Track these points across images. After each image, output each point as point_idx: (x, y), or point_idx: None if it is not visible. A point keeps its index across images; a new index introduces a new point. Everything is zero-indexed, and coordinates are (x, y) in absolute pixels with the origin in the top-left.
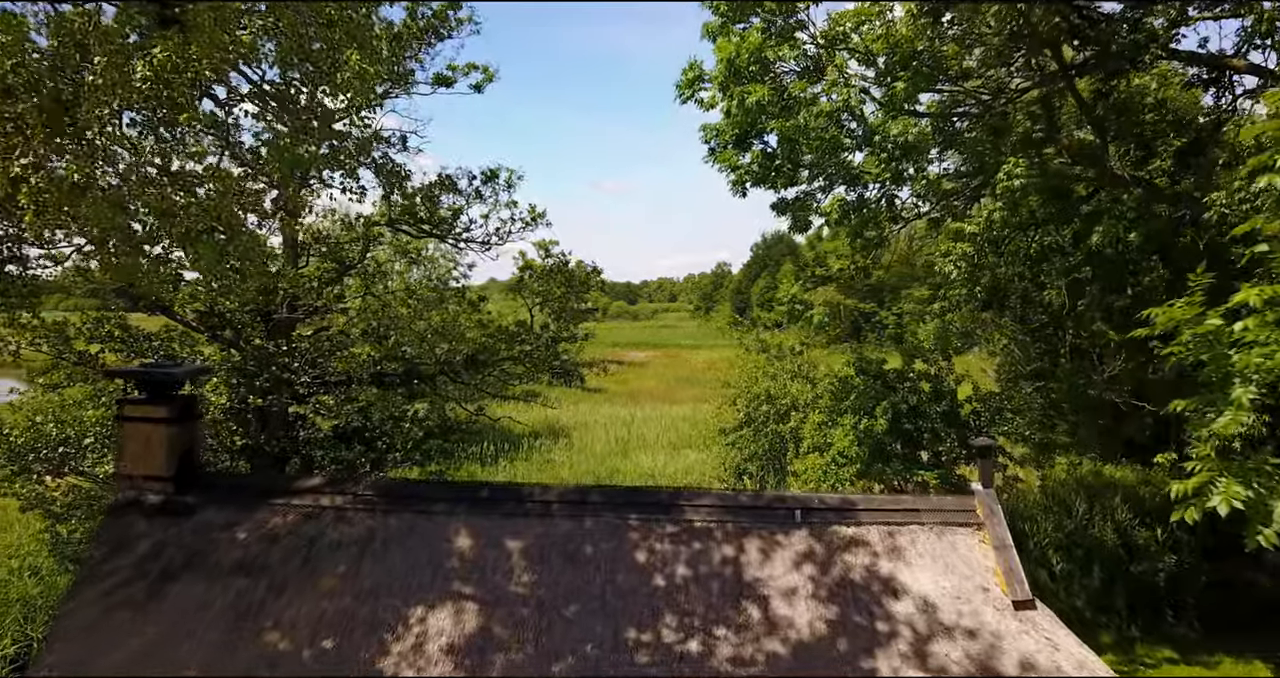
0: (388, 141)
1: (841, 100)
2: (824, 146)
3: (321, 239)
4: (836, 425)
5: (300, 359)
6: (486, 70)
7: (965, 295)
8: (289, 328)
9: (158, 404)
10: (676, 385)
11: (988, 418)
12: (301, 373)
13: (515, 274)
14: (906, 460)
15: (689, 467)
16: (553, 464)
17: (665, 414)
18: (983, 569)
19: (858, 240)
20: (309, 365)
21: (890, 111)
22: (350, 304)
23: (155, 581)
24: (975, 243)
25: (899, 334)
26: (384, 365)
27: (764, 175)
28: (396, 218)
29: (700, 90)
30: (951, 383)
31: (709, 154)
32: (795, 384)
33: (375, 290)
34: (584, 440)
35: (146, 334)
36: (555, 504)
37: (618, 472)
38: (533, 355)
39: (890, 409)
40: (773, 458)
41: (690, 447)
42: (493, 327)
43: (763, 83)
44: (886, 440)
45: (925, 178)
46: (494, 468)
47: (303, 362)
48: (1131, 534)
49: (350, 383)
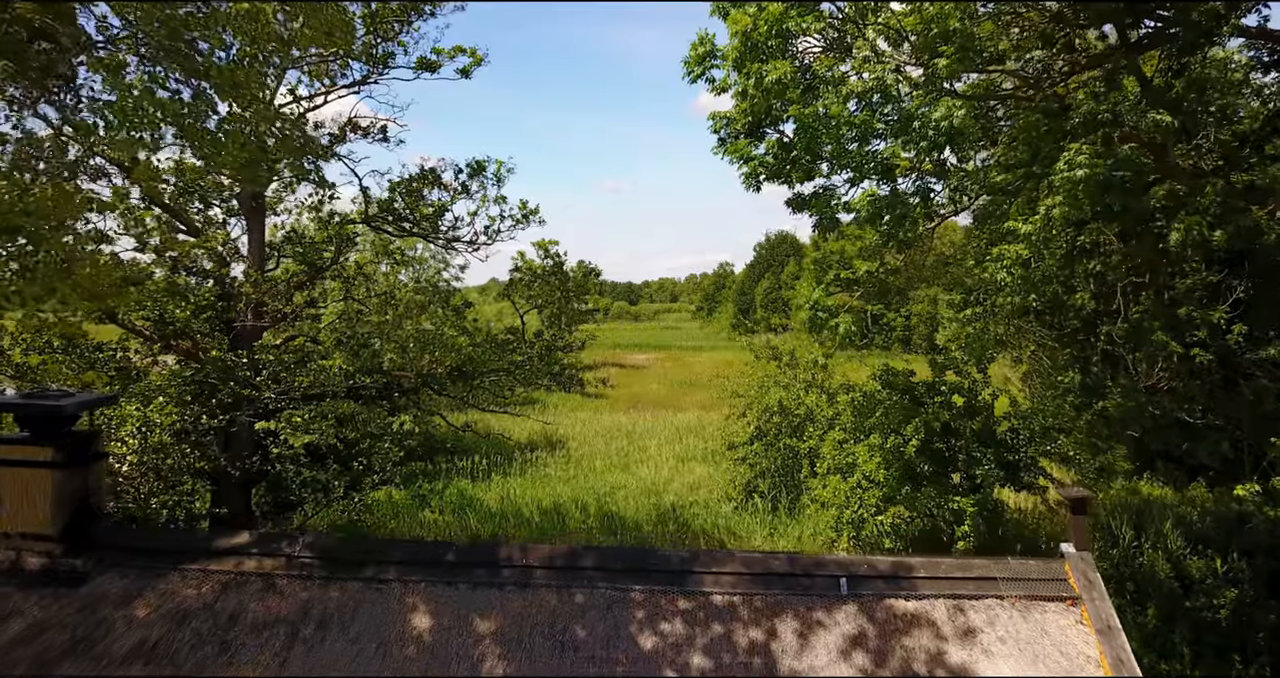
0: (365, 131)
1: (874, 79)
2: (854, 134)
3: (296, 239)
4: (860, 443)
5: (265, 371)
6: (474, 53)
7: (1019, 305)
8: (254, 337)
9: (42, 444)
10: (680, 390)
11: (1026, 437)
12: (265, 388)
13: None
14: (938, 484)
15: (695, 482)
16: (548, 479)
17: (669, 423)
18: (1082, 659)
19: (890, 242)
20: (273, 379)
21: (931, 92)
22: (328, 310)
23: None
24: (1031, 244)
25: (907, 337)
26: (358, 379)
27: (779, 169)
28: (373, 216)
29: (711, 68)
30: (987, 398)
31: (718, 145)
32: (810, 395)
33: (357, 294)
34: (583, 452)
35: (97, 344)
36: (539, 571)
37: (619, 488)
38: (524, 367)
39: (922, 427)
40: (786, 474)
41: (696, 459)
42: (480, 335)
43: (784, 59)
44: (917, 462)
45: (969, 169)
46: (485, 484)
47: (268, 374)
48: (1185, 565)
49: (324, 397)
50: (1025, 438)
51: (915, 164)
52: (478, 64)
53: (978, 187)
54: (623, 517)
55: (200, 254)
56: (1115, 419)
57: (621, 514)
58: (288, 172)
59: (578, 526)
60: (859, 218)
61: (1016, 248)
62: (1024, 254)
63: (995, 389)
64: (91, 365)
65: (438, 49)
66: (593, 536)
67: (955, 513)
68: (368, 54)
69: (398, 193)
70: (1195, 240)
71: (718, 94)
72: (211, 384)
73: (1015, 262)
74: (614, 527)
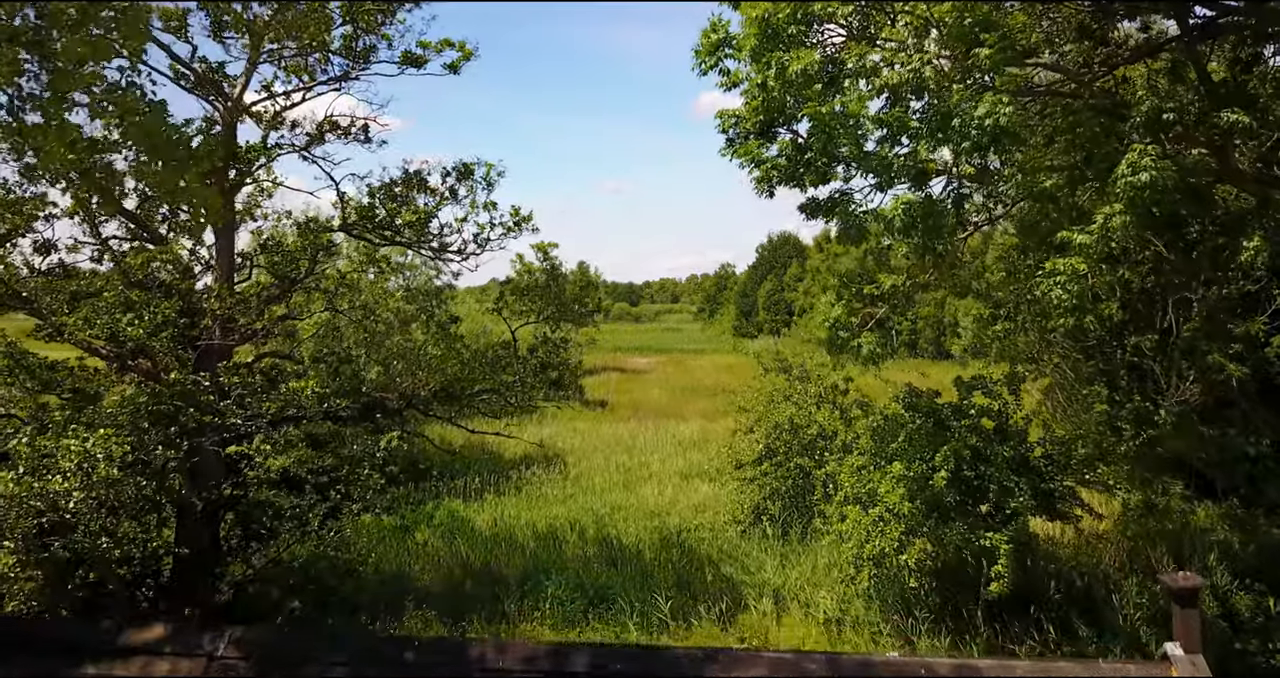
0: (345, 131)
1: (909, 71)
2: (882, 133)
3: (272, 247)
4: (880, 470)
5: (232, 394)
6: (463, 47)
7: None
8: (223, 355)
9: None
10: (682, 397)
11: (1063, 463)
12: (230, 413)
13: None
14: (967, 517)
15: (701, 503)
16: (545, 499)
17: (672, 435)
18: None
19: (926, 255)
20: (239, 403)
21: (973, 87)
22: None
23: None
24: (1089, 257)
25: (914, 340)
26: (334, 402)
27: (792, 172)
28: (352, 223)
29: (725, 58)
30: (1019, 421)
31: (726, 146)
32: (822, 411)
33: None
34: (581, 469)
35: (50, 363)
36: (518, 675)
37: (619, 509)
38: (515, 387)
39: (951, 457)
40: (797, 495)
41: (701, 476)
42: (468, 353)
43: (801, 45)
44: (945, 494)
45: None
46: (478, 504)
47: (235, 397)
48: (1231, 601)
49: (300, 419)
50: (1061, 464)
51: (951, 167)
52: (466, 59)
53: (1020, 191)
54: (623, 543)
55: (158, 266)
56: (1166, 448)
57: (622, 540)
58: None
59: (575, 552)
60: (891, 228)
61: (1072, 261)
62: (1081, 269)
63: (1028, 413)
64: (46, 386)
65: (423, 42)
66: (590, 566)
67: (986, 550)
68: (347, 47)
69: (378, 198)
70: (1265, 258)
71: (728, 89)
72: (171, 410)
73: (1071, 277)
74: (613, 554)
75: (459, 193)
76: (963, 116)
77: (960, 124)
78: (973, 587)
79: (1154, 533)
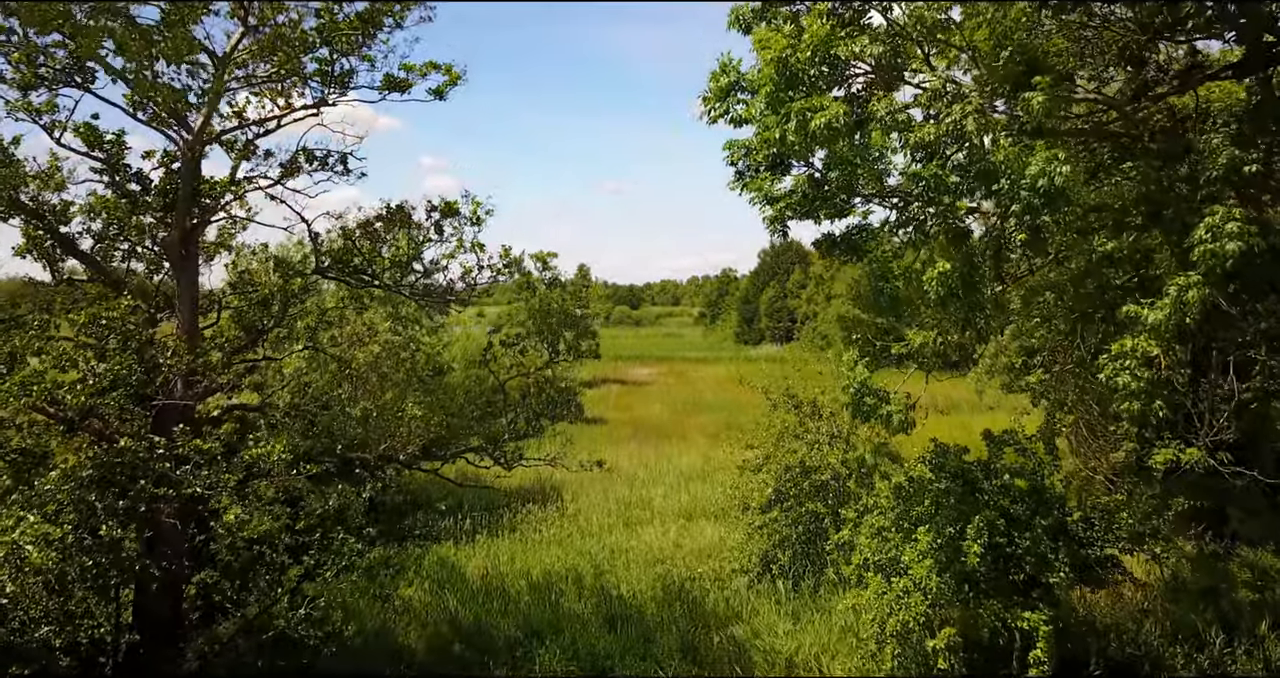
0: (323, 162)
1: (950, 122)
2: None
3: (243, 287)
4: (902, 532)
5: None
6: (450, 70)
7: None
8: (183, 413)
9: None
10: (685, 413)
11: (1103, 528)
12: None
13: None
14: (1001, 590)
15: (708, 547)
16: (540, 541)
17: (674, 464)
18: None
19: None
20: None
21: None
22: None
23: None
24: (1159, 337)
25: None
26: (303, 468)
27: (808, 208)
28: (326, 267)
29: (736, 103)
30: (1058, 485)
31: (735, 180)
32: (835, 452)
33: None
34: (579, 505)
35: None
36: None
37: (619, 554)
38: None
39: (985, 529)
40: (808, 541)
41: (705, 516)
42: (455, 405)
43: (824, 91)
44: (978, 569)
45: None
46: (469, 547)
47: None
48: None
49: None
50: (1102, 530)
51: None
52: (454, 83)
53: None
54: (623, 596)
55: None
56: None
57: (622, 592)
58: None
59: (571, 608)
60: (932, 293)
61: (1141, 342)
62: (1152, 352)
63: (1067, 475)
64: None
65: (407, 65)
66: (587, 628)
67: (1023, 632)
68: (323, 73)
69: (354, 240)
70: None
71: (739, 126)
72: (123, 480)
73: (1139, 362)
74: (613, 610)
75: (444, 230)
76: (1011, 175)
77: (1009, 184)
78: (1005, 660)
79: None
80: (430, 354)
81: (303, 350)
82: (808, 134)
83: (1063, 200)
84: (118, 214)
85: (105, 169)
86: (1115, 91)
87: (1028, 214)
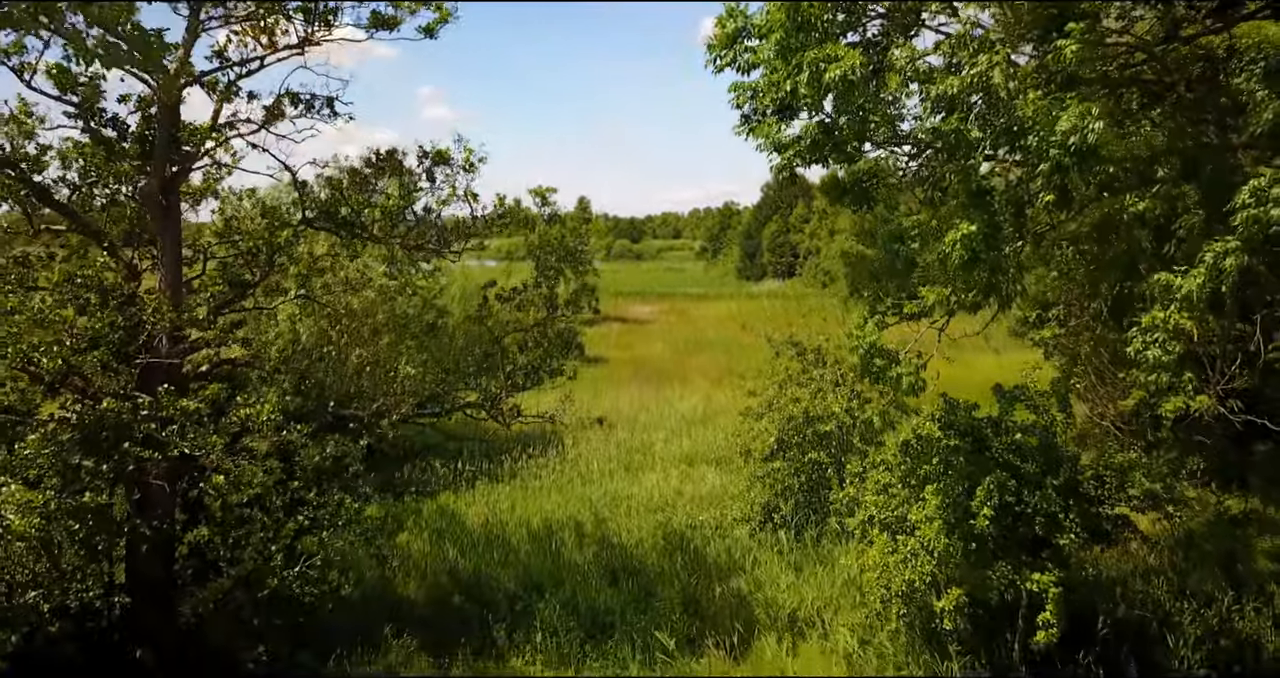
0: (308, 105)
1: (975, 74)
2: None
3: (230, 235)
4: (909, 489)
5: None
6: (440, 7)
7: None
8: (169, 371)
9: None
10: (686, 352)
11: (1114, 484)
12: (175, 445)
13: None
14: (1010, 551)
15: (710, 494)
16: (541, 489)
17: (676, 408)
18: None
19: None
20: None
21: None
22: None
23: None
24: (1194, 308)
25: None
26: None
27: (817, 154)
28: (312, 218)
29: (743, 51)
30: (1071, 445)
31: (741, 124)
32: (839, 399)
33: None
34: (579, 451)
35: None
36: None
37: (620, 500)
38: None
39: (995, 491)
40: (811, 490)
41: (707, 462)
42: (450, 359)
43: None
44: (987, 531)
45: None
46: (469, 494)
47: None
48: None
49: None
50: (1114, 486)
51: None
52: (444, 20)
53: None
54: (624, 545)
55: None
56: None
57: (623, 541)
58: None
59: (572, 559)
60: (948, 264)
61: (1173, 314)
62: (1185, 325)
63: (1080, 433)
64: None
65: (396, 1)
66: (588, 582)
67: (1032, 594)
68: (305, 9)
69: (341, 191)
70: None
71: (746, 72)
72: (105, 440)
73: (1171, 335)
74: (613, 561)
75: (436, 177)
76: (1041, 131)
77: (1037, 142)
78: (1012, 620)
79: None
80: (427, 298)
81: (294, 299)
82: (821, 86)
83: (1095, 159)
84: (96, 161)
85: (79, 114)
86: (1144, 32)
87: (1056, 173)
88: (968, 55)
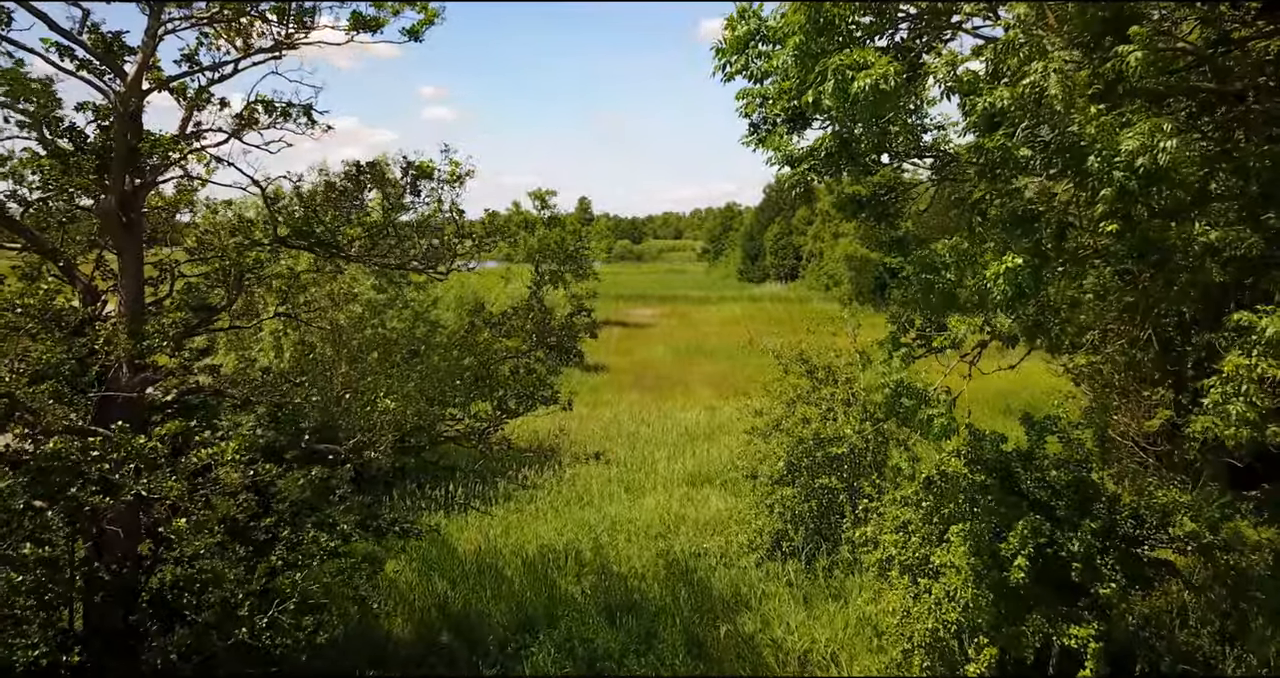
0: (284, 113)
1: (1027, 85)
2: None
3: (201, 253)
4: (931, 526)
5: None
6: (426, 8)
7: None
8: (131, 407)
9: None
10: (689, 359)
11: (1154, 524)
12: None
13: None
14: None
15: (714, 518)
16: (537, 512)
17: (677, 420)
18: None
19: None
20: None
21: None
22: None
23: None
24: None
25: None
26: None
27: (833, 166)
28: (284, 236)
29: (756, 56)
30: (1109, 482)
31: (749, 134)
32: (851, 420)
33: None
34: (578, 469)
35: None
36: None
37: (620, 525)
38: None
39: (1030, 535)
40: (820, 517)
41: (711, 482)
42: (434, 390)
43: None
44: (1023, 584)
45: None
46: (462, 518)
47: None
48: None
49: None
50: (1153, 527)
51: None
52: (430, 22)
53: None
54: (624, 575)
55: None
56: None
57: (623, 569)
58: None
59: (569, 591)
60: (988, 300)
61: (1260, 362)
62: (1271, 373)
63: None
64: None
65: (377, 2)
66: (585, 619)
67: (1070, 655)
68: (280, 10)
69: (315, 208)
70: None
71: (758, 80)
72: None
73: (1255, 384)
74: (613, 596)
75: (420, 191)
76: (1103, 151)
77: (1099, 163)
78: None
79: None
80: (419, 311)
81: (275, 316)
82: (848, 98)
83: (1165, 183)
84: (52, 174)
85: (33, 124)
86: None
87: (1120, 200)
88: (1016, 62)
